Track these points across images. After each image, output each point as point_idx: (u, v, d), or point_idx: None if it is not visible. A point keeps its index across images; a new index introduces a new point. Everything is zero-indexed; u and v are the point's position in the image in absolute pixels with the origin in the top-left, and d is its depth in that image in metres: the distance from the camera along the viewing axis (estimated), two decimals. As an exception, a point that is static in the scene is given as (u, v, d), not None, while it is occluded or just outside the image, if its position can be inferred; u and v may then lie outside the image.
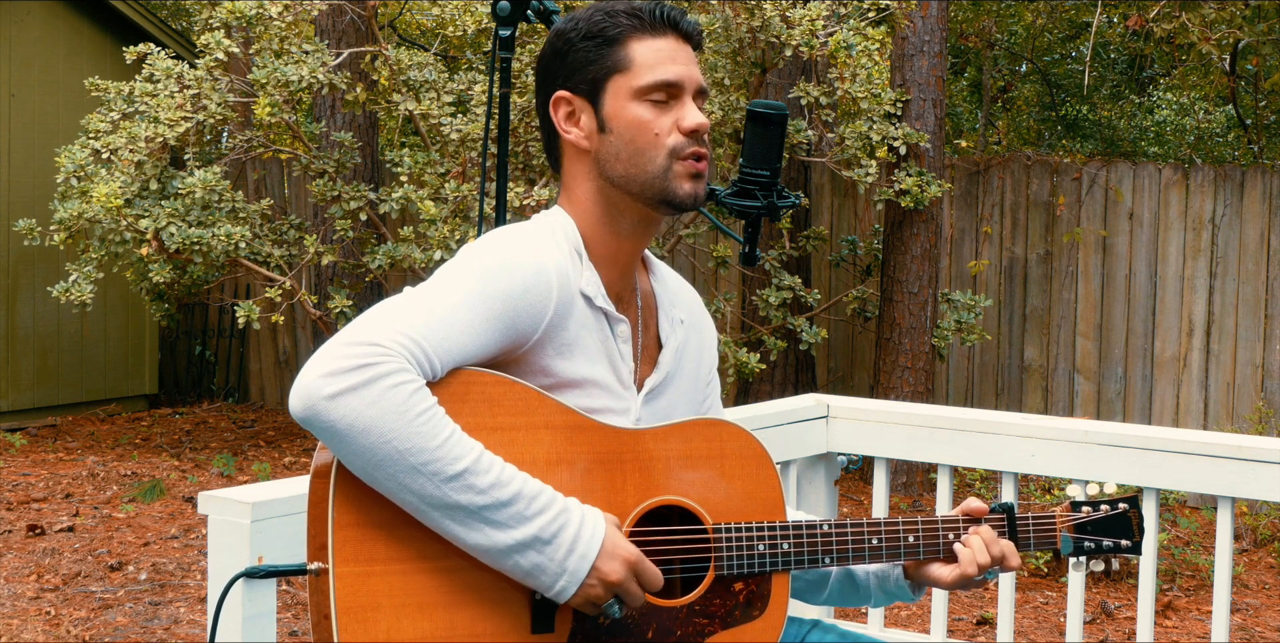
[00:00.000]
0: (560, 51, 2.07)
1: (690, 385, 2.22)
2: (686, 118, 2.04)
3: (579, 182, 2.09)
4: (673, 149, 2.03)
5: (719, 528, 2.03)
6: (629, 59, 2.04)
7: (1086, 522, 2.24)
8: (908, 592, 2.22)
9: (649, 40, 2.04)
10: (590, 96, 2.06)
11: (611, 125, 2.04)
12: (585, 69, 2.05)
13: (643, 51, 2.04)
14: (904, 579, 2.21)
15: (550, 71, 2.09)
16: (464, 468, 1.83)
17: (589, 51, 2.05)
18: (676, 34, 2.07)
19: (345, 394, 1.80)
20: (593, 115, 2.06)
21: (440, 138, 7.58)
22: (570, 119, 2.08)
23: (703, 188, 2.07)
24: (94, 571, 6.13)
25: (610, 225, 2.08)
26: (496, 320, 1.93)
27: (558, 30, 2.09)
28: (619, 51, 2.04)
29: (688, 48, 2.08)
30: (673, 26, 2.06)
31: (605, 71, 2.04)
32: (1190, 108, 14.08)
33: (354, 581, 1.84)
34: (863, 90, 7.65)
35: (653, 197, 2.05)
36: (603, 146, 2.05)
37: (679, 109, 2.05)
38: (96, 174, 7.57)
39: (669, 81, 2.04)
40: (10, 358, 9.46)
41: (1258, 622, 6.10)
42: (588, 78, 2.05)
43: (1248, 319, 8.26)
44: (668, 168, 2.04)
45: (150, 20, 9.93)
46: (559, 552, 1.86)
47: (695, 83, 2.06)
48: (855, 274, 8.85)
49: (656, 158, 2.03)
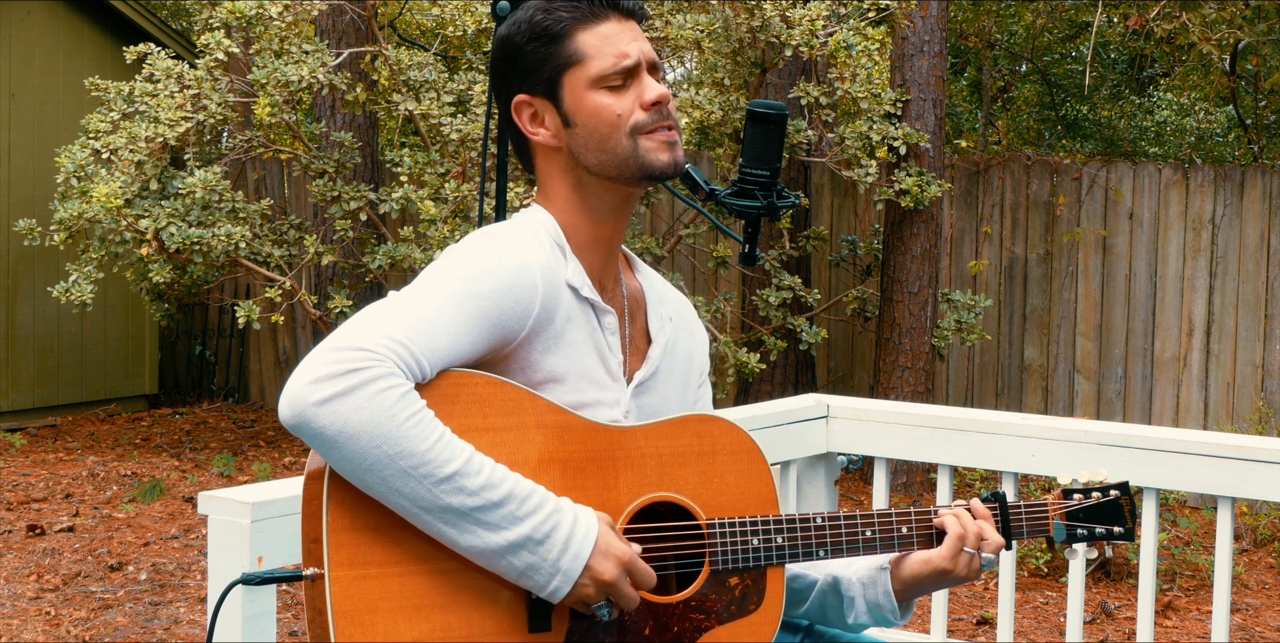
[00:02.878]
0: (510, 56, 2.08)
1: (680, 384, 2.22)
2: (646, 92, 2.05)
3: (554, 178, 2.11)
4: (636, 125, 2.05)
5: (712, 523, 2.03)
6: (578, 51, 2.04)
7: (1078, 509, 2.25)
8: (893, 600, 2.19)
9: (593, 27, 2.04)
10: (549, 95, 2.06)
11: (575, 119, 2.05)
12: (538, 69, 2.06)
13: (589, 41, 2.04)
14: (891, 585, 2.18)
15: (504, 77, 2.10)
16: (454, 470, 1.83)
17: (537, 51, 2.05)
18: (618, 14, 2.07)
19: (333, 400, 1.80)
20: (555, 112, 2.07)
21: (440, 138, 7.58)
22: (535, 120, 2.09)
23: (680, 154, 2.08)
24: (94, 571, 6.13)
25: (588, 213, 2.10)
26: (483, 319, 1.93)
27: (502, 36, 2.09)
28: (567, 46, 2.04)
29: (632, 23, 2.08)
30: (612, 7, 2.06)
31: (558, 68, 2.05)
32: (1190, 108, 14.08)
33: (349, 584, 1.84)
34: (863, 90, 7.65)
35: (633, 175, 2.07)
36: (572, 140, 2.07)
37: (636, 86, 2.06)
38: (96, 174, 7.57)
39: (621, 66, 2.04)
40: (10, 358, 9.46)
41: (1258, 622, 6.10)
42: (543, 77, 2.06)
43: (1248, 319, 8.26)
44: (636, 145, 2.05)
45: (150, 20, 9.94)
46: (552, 552, 1.86)
47: (648, 58, 2.07)
48: (855, 274, 8.85)
49: (623, 139, 2.05)
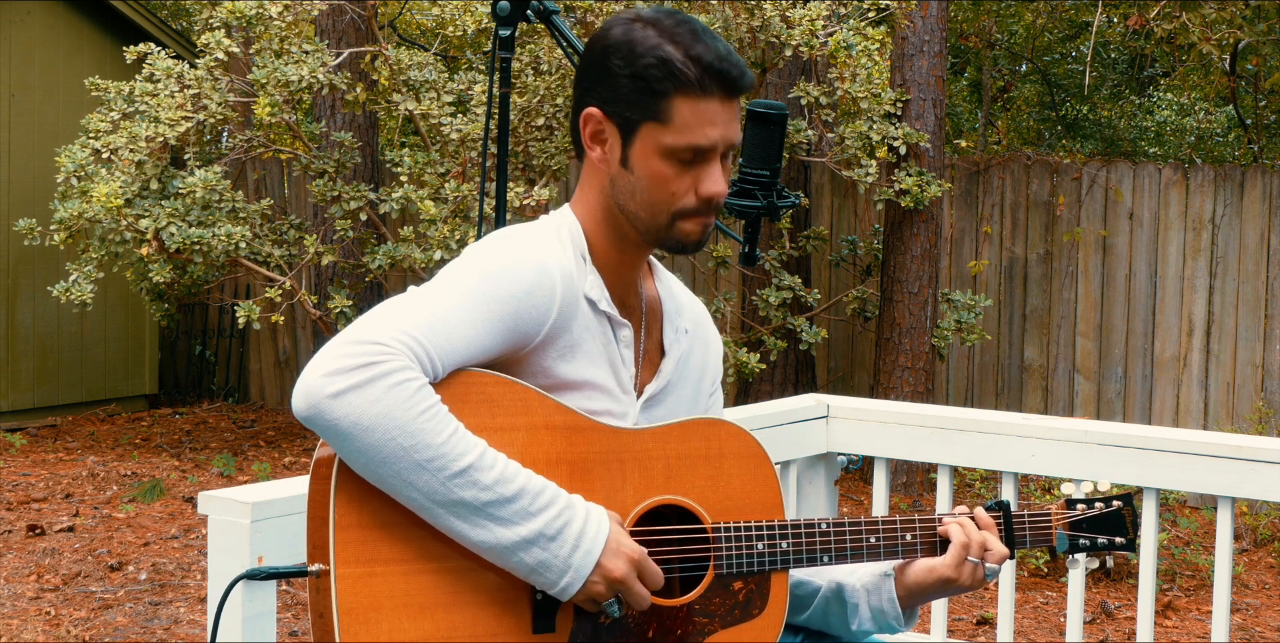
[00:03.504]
0: (604, 71, 2.01)
1: (691, 396, 2.22)
2: (705, 183, 2.01)
3: (592, 189, 2.08)
4: (683, 210, 2.02)
5: (718, 527, 2.04)
6: (668, 115, 1.98)
7: (1081, 519, 2.25)
8: (898, 607, 2.19)
9: (694, 101, 1.97)
10: (621, 129, 2.01)
11: (634, 167, 2.01)
12: (623, 104, 2.00)
13: (684, 111, 1.97)
14: (895, 591, 2.18)
15: (589, 82, 2.04)
16: (468, 464, 1.83)
17: (631, 91, 1.98)
18: (725, 94, 1.99)
19: (348, 393, 1.80)
20: (619, 146, 2.02)
21: (440, 138, 7.58)
22: (596, 138, 2.04)
23: (705, 237, 2.05)
24: (94, 571, 6.13)
25: (614, 238, 2.08)
26: (499, 321, 1.93)
27: (607, 46, 2.01)
28: (661, 104, 1.97)
29: (734, 104, 2.01)
30: (724, 88, 1.98)
31: (641, 116, 1.99)
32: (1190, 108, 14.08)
33: (355, 581, 1.84)
34: (863, 90, 7.65)
35: (652, 240, 2.06)
36: (620, 178, 2.03)
37: (702, 170, 2.01)
38: (97, 174, 7.57)
39: (701, 147, 1.99)
40: (10, 358, 9.46)
41: (1258, 622, 6.10)
42: (623, 113, 2.00)
43: (1248, 319, 8.26)
44: (673, 223, 2.03)
45: (150, 20, 9.93)
46: (563, 548, 1.87)
47: (727, 143, 2.01)
48: (855, 274, 8.85)
49: (666, 212, 2.02)
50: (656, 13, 2.03)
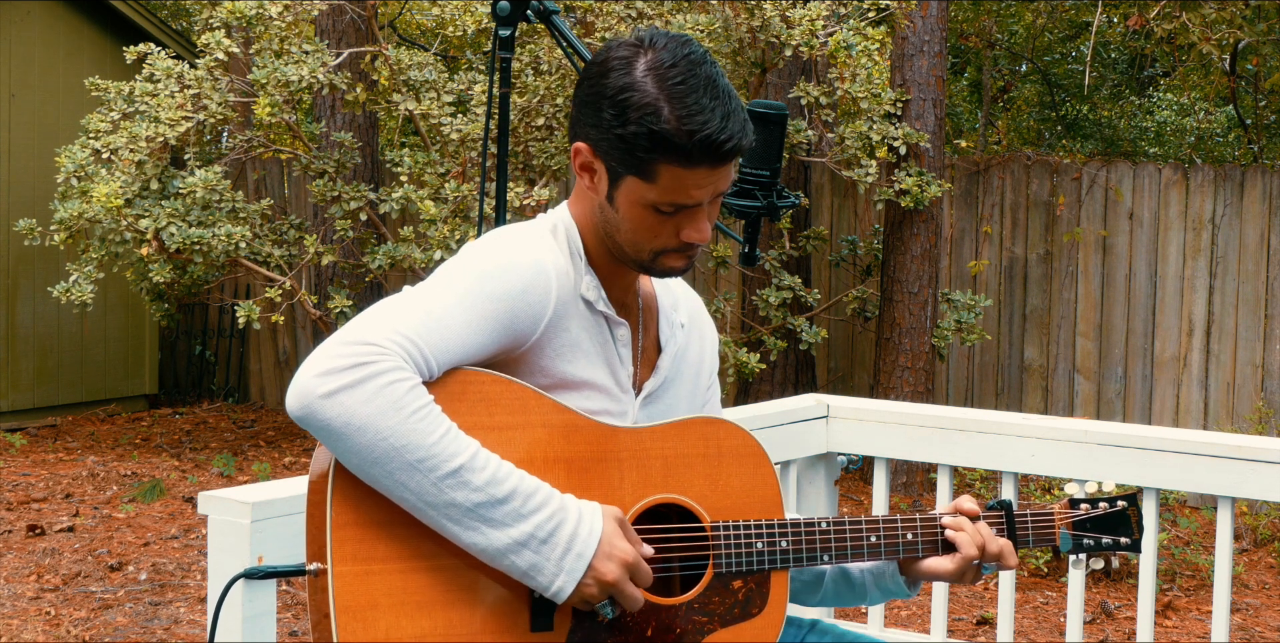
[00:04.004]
0: (596, 116, 1.97)
1: (689, 390, 2.22)
2: (688, 229, 1.99)
3: (586, 201, 2.07)
4: (664, 249, 2.02)
5: (717, 526, 2.03)
6: (653, 176, 1.95)
7: (1085, 519, 2.25)
8: (904, 587, 2.22)
9: (680, 170, 1.94)
10: (608, 173, 1.99)
11: (618, 207, 2.00)
12: (610, 155, 1.97)
13: (668, 177, 1.95)
14: (900, 575, 2.21)
15: (582, 115, 2.00)
16: (459, 465, 1.83)
17: (618, 146, 1.95)
18: (715, 164, 1.95)
19: (341, 392, 1.80)
20: (605, 183, 2.00)
21: (440, 138, 7.58)
22: (586, 169, 2.02)
23: (688, 268, 2.06)
24: (94, 571, 6.13)
25: (606, 247, 2.08)
26: (494, 321, 1.93)
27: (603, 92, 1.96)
28: (646, 166, 1.95)
29: (723, 168, 1.97)
30: (715, 161, 1.94)
31: (626, 170, 1.97)
32: (1190, 108, 14.08)
33: (353, 580, 1.84)
34: (863, 90, 7.65)
35: (635, 267, 2.07)
36: (606, 210, 2.02)
37: (686, 218, 1.99)
38: (97, 174, 7.57)
39: (685, 205, 1.98)
40: (10, 358, 9.46)
41: (1258, 622, 6.10)
42: (609, 160, 1.98)
43: (1248, 319, 8.26)
44: (654, 259, 2.03)
45: (150, 20, 9.94)
46: (555, 551, 1.86)
47: (715, 193, 1.99)
48: (855, 274, 8.85)
49: (647, 250, 2.02)
50: (665, 58, 1.95)
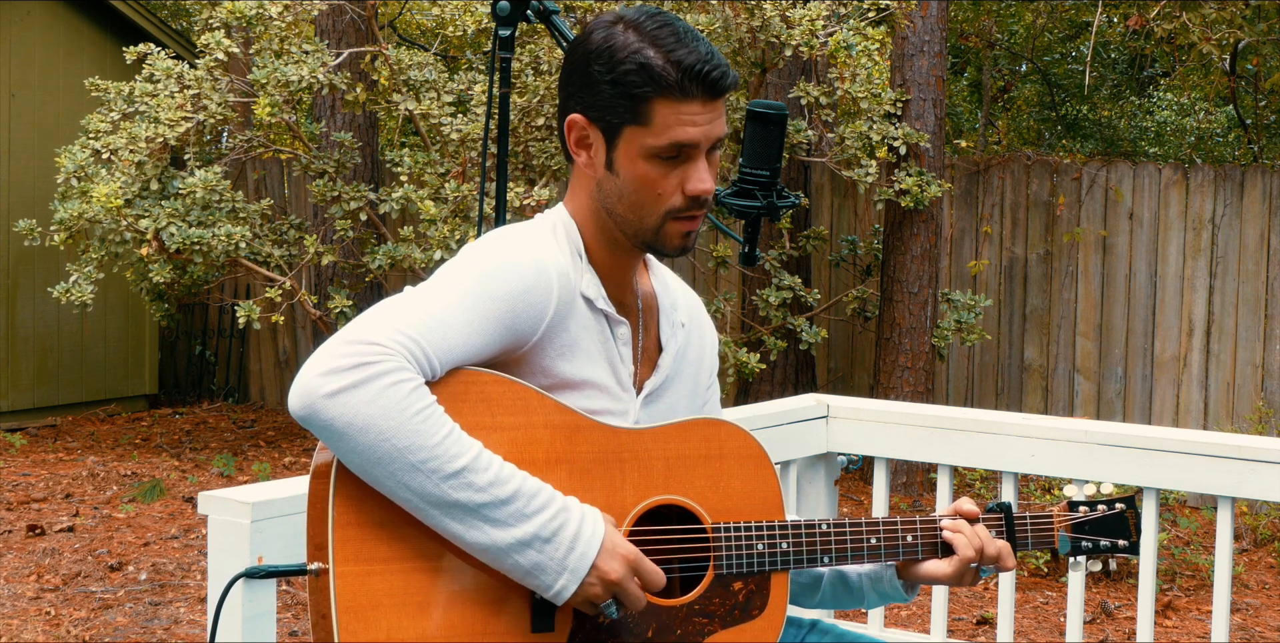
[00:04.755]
0: (585, 77, 2.02)
1: (690, 389, 2.22)
2: (692, 181, 2.01)
3: (581, 192, 2.09)
4: (671, 209, 2.02)
5: (718, 527, 2.04)
6: (649, 117, 1.98)
7: (1084, 521, 2.25)
8: (901, 592, 2.23)
9: (674, 104, 1.98)
10: (605, 134, 2.02)
11: (619, 170, 2.02)
12: (605, 109, 2.00)
13: (665, 113, 1.98)
14: (897, 579, 2.22)
15: (571, 88, 2.05)
16: (462, 465, 1.83)
17: (611, 96, 1.99)
18: (707, 96, 1.99)
19: (343, 392, 1.80)
20: (603, 151, 2.03)
21: (440, 138, 7.58)
22: (581, 143, 2.05)
23: (692, 241, 2.06)
24: (94, 571, 6.13)
25: (606, 240, 2.09)
26: (496, 321, 1.93)
27: (588, 52, 2.01)
28: (641, 108, 1.98)
29: (717, 103, 2.01)
30: (706, 90, 1.99)
31: (623, 120, 2.00)
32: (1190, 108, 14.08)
33: (354, 580, 1.84)
34: (863, 90, 7.65)
35: (640, 242, 2.06)
36: (606, 182, 2.04)
37: (689, 168, 2.01)
38: (97, 174, 7.57)
39: (683, 143, 2.00)
40: (10, 358, 9.46)
41: (1258, 622, 6.10)
42: (605, 117, 2.01)
43: (1248, 319, 8.26)
44: (661, 225, 2.03)
45: (150, 20, 9.93)
46: (559, 550, 1.86)
47: (713, 139, 2.02)
48: (855, 274, 8.85)
49: (654, 214, 2.02)
50: (639, 14, 2.02)
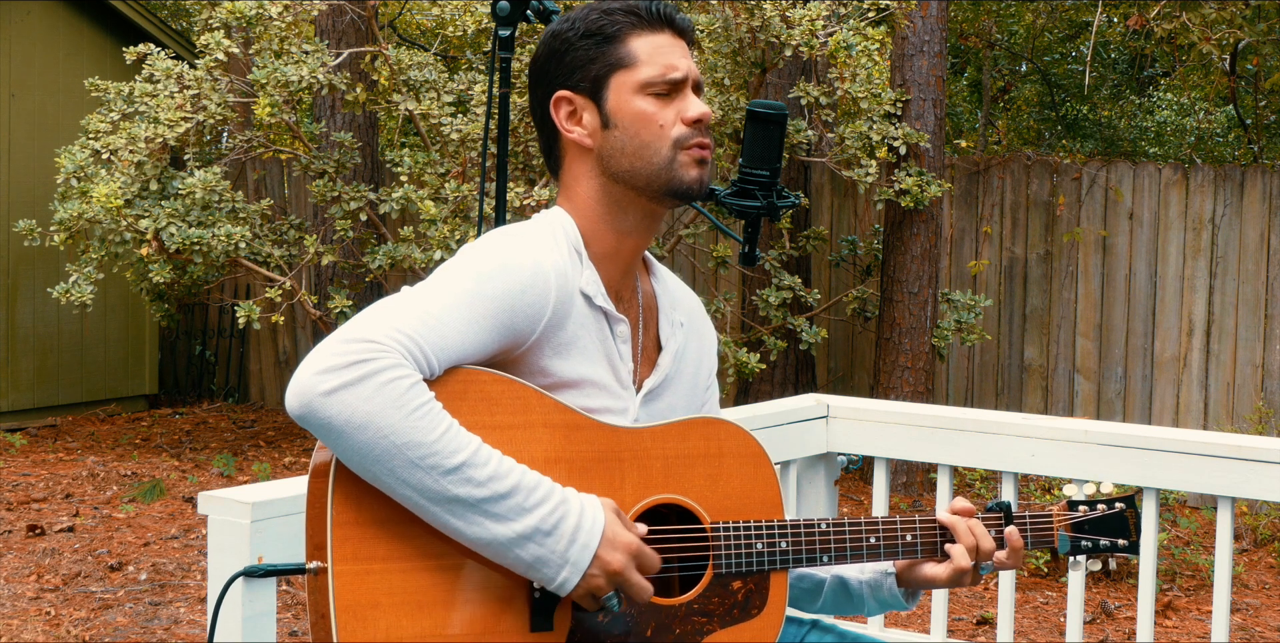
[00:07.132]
0: (557, 52, 2.10)
1: (689, 389, 2.23)
2: (689, 108, 2.08)
3: (580, 181, 2.11)
4: (677, 139, 2.07)
5: (717, 527, 2.04)
6: (630, 55, 2.07)
7: (1084, 521, 2.25)
8: (901, 600, 2.23)
9: (648, 36, 2.08)
10: (592, 94, 2.08)
11: (616, 120, 2.07)
12: (586, 67, 2.08)
13: (642, 47, 2.07)
14: (897, 588, 2.22)
15: (547, 73, 2.12)
16: (462, 461, 1.83)
17: (589, 49, 2.07)
18: (673, 30, 2.11)
19: (341, 390, 1.80)
20: (596, 112, 2.08)
21: (440, 138, 7.58)
22: (572, 118, 2.10)
23: (708, 175, 2.10)
24: (94, 571, 6.13)
25: (612, 223, 2.10)
26: (493, 320, 1.94)
27: (553, 31, 2.11)
28: (619, 48, 2.07)
29: (683, 42, 2.12)
30: (669, 22, 2.10)
31: (607, 68, 2.07)
32: (1190, 108, 14.08)
33: (353, 579, 1.84)
34: (863, 90, 7.65)
35: (659, 188, 2.08)
36: (607, 142, 2.08)
37: (680, 101, 2.09)
38: (96, 174, 7.57)
39: (670, 76, 2.07)
40: (10, 358, 9.46)
41: (1258, 622, 6.10)
42: (589, 75, 2.08)
43: (1248, 319, 8.26)
44: (673, 158, 2.07)
45: (150, 20, 9.93)
46: (560, 543, 1.86)
47: (694, 76, 2.11)
48: (855, 274, 8.85)
49: (662, 149, 2.07)
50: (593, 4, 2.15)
